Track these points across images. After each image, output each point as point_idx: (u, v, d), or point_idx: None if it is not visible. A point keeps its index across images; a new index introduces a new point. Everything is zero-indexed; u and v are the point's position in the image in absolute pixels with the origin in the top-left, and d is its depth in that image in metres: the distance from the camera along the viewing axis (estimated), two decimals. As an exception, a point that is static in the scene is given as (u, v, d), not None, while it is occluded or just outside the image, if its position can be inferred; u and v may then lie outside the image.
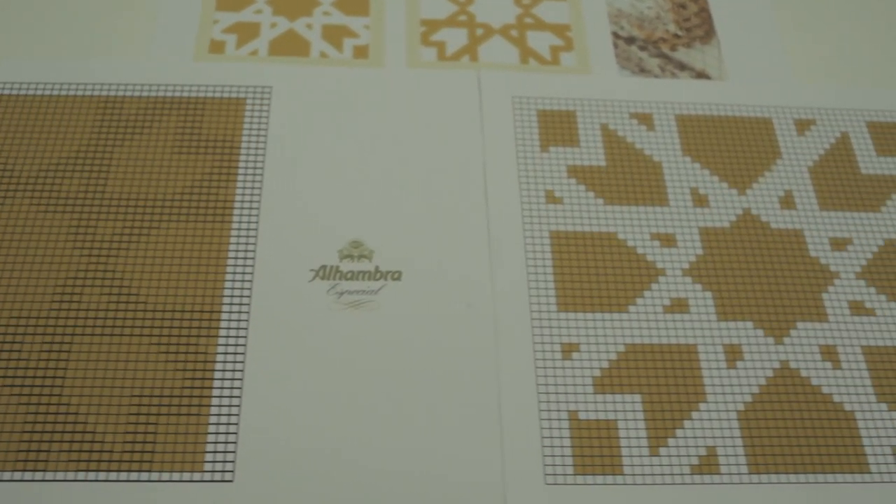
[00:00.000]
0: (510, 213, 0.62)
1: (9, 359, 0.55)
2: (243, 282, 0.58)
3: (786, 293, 0.61)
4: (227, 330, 0.56)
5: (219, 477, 0.52)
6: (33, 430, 0.52)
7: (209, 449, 0.52)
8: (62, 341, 0.55)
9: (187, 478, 0.51)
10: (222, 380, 0.55)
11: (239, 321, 0.57)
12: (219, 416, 0.53)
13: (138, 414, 0.53)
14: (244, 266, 0.59)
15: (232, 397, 0.54)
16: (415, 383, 0.55)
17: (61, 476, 0.51)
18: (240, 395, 0.54)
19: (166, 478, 0.51)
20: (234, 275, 0.59)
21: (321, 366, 0.55)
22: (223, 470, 0.52)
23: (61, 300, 0.57)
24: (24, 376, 0.54)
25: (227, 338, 0.56)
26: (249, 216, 0.61)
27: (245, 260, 0.59)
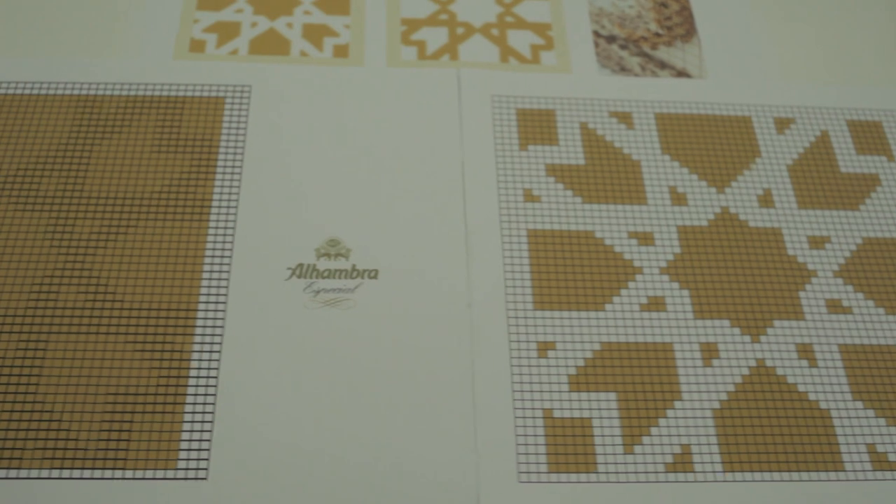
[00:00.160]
0: (488, 212, 0.62)
1: (-16, 357, 0.55)
2: (220, 280, 0.58)
3: (763, 291, 0.61)
4: (203, 328, 0.56)
5: (192, 475, 0.52)
6: (7, 427, 0.52)
7: (183, 447, 0.52)
8: (38, 339, 0.55)
9: (161, 475, 0.51)
10: (197, 377, 0.55)
11: (215, 319, 0.57)
12: (193, 413, 0.53)
13: (113, 412, 0.53)
14: (221, 264, 0.59)
15: (207, 395, 0.54)
16: (390, 381, 0.55)
17: (35, 474, 0.51)
18: (214, 393, 0.54)
19: (140, 475, 0.51)
20: (210, 273, 0.59)
21: (297, 364, 0.56)
22: (197, 468, 0.52)
23: (38, 298, 0.57)
24: None
25: (202, 336, 0.56)
26: (227, 215, 0.61)
27: (222, 258, 0.59)
